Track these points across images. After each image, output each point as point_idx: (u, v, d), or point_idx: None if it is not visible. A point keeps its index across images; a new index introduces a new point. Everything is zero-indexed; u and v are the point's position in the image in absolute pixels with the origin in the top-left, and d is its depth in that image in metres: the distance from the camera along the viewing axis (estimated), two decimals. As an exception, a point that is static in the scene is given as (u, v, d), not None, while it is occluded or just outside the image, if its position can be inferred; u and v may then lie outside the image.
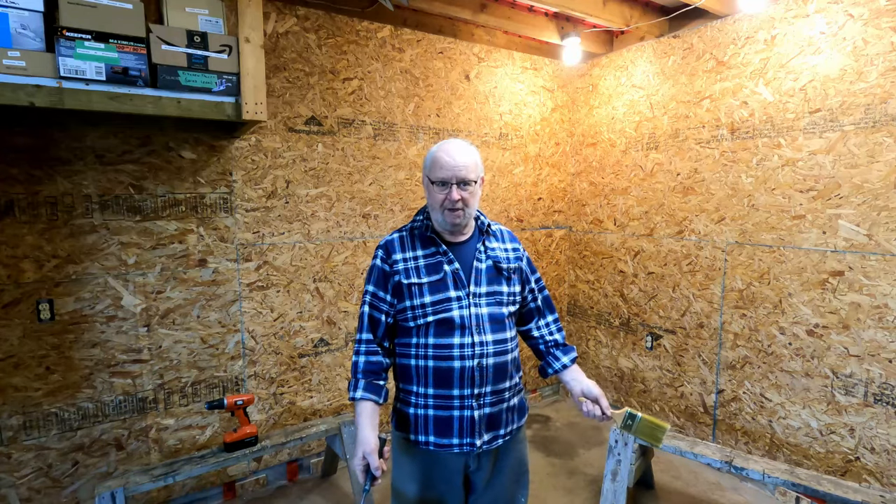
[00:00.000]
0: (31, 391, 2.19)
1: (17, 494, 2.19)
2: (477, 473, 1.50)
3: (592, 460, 3.09)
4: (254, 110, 2.03)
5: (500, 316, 1.48)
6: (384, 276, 1.47)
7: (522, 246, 1.64)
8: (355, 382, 1.46)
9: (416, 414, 1.47)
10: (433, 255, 1.47)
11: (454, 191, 1.40)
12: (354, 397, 1.45)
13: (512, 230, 1.96)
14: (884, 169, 2.26)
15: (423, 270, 1.45)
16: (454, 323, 1.42)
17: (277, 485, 2.84)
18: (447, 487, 1.48)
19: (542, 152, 3.79)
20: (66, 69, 1.69)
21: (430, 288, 1.44)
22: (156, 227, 2.39)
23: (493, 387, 1.45)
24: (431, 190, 1.44)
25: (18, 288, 2.13)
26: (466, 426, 1.43)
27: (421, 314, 1.43)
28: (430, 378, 1.44)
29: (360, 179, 2.95)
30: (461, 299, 1.43)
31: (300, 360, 2.85)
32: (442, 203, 1.42)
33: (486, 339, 1.44)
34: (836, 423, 2.47)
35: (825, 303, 2.48)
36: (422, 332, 1.44)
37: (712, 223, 2.96)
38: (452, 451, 1.44)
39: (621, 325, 3.59)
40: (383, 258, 1.48)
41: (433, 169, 1.43)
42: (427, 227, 1.50)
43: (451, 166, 1.40)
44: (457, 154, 1.42)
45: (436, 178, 1.42)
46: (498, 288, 1.49)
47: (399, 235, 1.52)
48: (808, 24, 2.48)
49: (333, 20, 2.76)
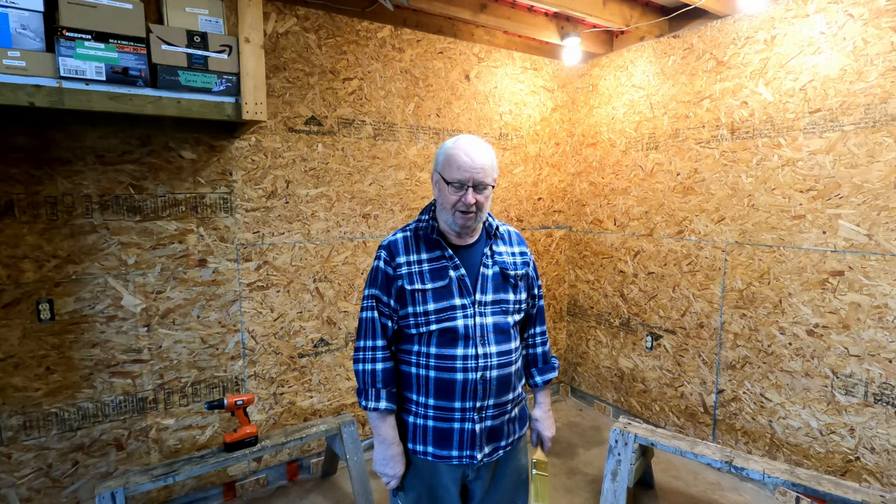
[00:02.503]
0: (31, 391, 2.19)
1: (17, 494, 2.18)
2: (476, 483, 1.47)
3: (592, 460, 3.09)
4: (254, 110, 2.03)
5: (506, 326, 1.43)
6: (387, 279, 1.40)
7: (529, 249, 1.60)
8: (376, 393, 1.39)
9: (414, 423, 1.42)
10: (438, 260, 1.41)
11: (470, 194, 1.33)
12: (378, 407, 1.38)
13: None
14: (884, 169, 2.26)
15: (428, 276, 1.39)
16: (458, 333, 1.36)
17: (277, 485, 2.84)
18: (444, 494, 1.45)
19: (542, 152, 3.79)
20: (66, 69, 1.68)
21: (433, 295, 1.37)
22: (156, 227, 2.39)
23: (496, 399, 1.41)
24: (443, 189, 1.36)
25: (18, 288, 2.13)
26: (467, 439, 1.39)
27: (424, 322, 1.37)
28: (432, 389, 1.39)
29: (360, 179, 2.95)
30: (466, 308, 1.38)
31: (300, 360, 2.85)
32: (454, 204, 1.35)
33: (490, 350, 1.38)
34: (836, 423, 2.47)
35: (825, 303, 2.48)
36: (424, 341, 1.39)
37: (712, 223, 2.96)
38: (451, 462, 1.40)
39: (621, 325, 3.59)
40: (387, 260, 1.41)
41: (448, 168, 1.35)
42: (433, 227, 1.43)
43: (468, 167, 1.33)
44: (476, 154, 1.34)
45: (451, 179, 1.34)
46: (504, 296, 1.44)
47: (403, 236, 1.45)
48: (808, 24, 2.48)
49: (333, 20, 2.76)
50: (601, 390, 3.81)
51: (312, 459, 2.97)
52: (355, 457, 2.54)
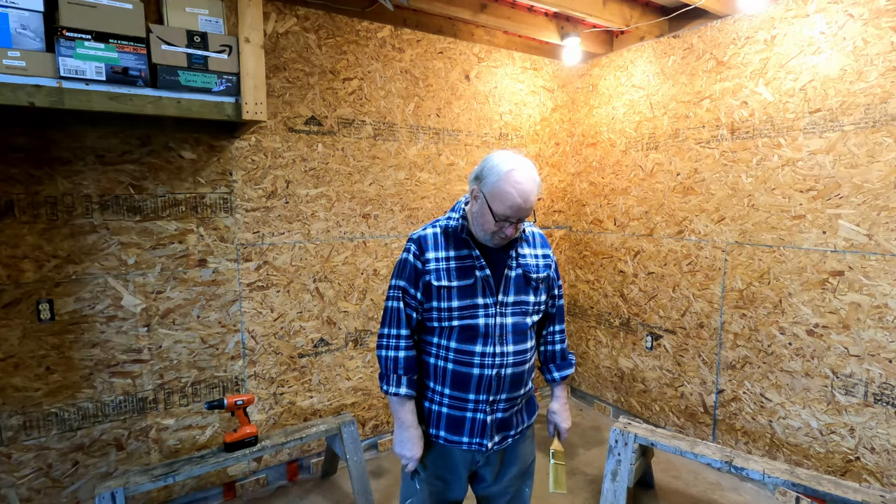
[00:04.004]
0: (31, 391, 2.19)
1: (17, 494, 2.18)
2: (485, 468, 1.54)
3: (592, 460, 3.09)
4: (254, 110, 2.03)
5: (524, 326, 1.49)
6: (416, 273, 1.44)
7: (553, 251, 1.63)
8: (397, 378, 1.45)
9: (430, 409, 1.50)
10: (465, 259, 1.44)
11: (510, 228, 1.37)
12: (398, 392, 1.45)
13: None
14: (884, 169, 2.26)
15: (455, 273, 1.43)
16: (478, 331, 1.42)
17: (277, 485, 2.84)
18: (453, 476, 1.53)
19: (542, 152, 3.79)
20: (66, 69, 1.68)
21: (458, 292, 1.42)
22: (156, 227, 2.39)
23: (508, 394, 1.48)
24: (486, 213, 1.36)
25: (18, 288, 2.13)
26: (478, 428, 1.46)
27: (447, 317, 1.43)
28: (448, 380, 1.45)
29: (360, 179, 2.95)
30: (489, 307, 1.43)
31: (300, 360, 2.85)
32: (494, 231, 1.38)
33: (507, 349, 1.44)
34: (836, 422, 2.47)
35: (825, 303, 2.48)
36: (444, 334, 1.45)
37: (712, 223, 2.96)
38: (462, 447, 1.48)
39: (621, 325, 3.59)
40: (416, 254, 1.45)
41: (498, 201, 1.33)
42: (463, 227, 1.46)
43: (518, 207, 1.32)
44: (529, 195, 1.33)
45: (498, 214, 1.33)
46: (525, 298, 1.49)
47: (433, 232, 1.48)
48: (808, 24, 2.48)
49: (333, 20, 2.76)
50: (601, 390, 3.81)
51: (312, 459, 2.97)
52: (355, 457, 2.54)
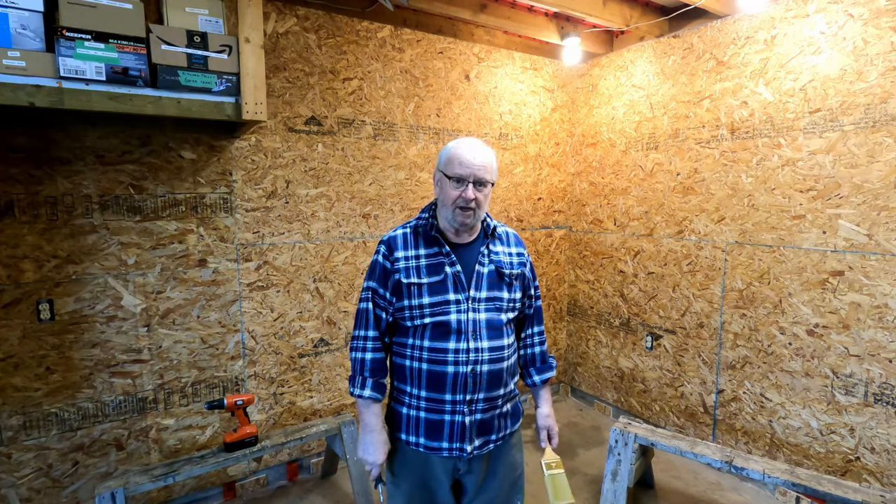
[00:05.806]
0: (31, 391, 2.19)
1: (17, 494, 2.19)
2: (468, 477, 1.49)
3: (592, 460, 3.09)
4: (254, 110, 2.03)
5: (499, 322, 1.47)
6: (385, 272, 1.46)
7: (527, 251, 1.63)
8: (362, 380, 1.46)
9: (407, 414, 1.47)
10: (435, 256, 1.46)
11: (470, 189, 1.39)
12: (362, 395, 1.46)
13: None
14: (884, 169, 2.26)
15: (424, 270, 1.44)
16: (451, 327, 1.41)
17: (277, 485, 2.84)
18: (436, 486, 1.48)
19: (542, 152, 3.79)
20: (66, 69, 1.68)
21: (429, 289, 1.42)
22: (156, 227, 2.39)
23: (486, 394, 1.45)
24: (445, 185, 1.43)
25: (18, 288, 2.13)
26: (457, 431, 1.43)
27: (418, 315, 1.42)
28: (424, 381, 1.43)
29: (360, 179, 2.95)
30: (460, 303, 1.42)
31: (300, 360, 2.85)
32: (455, 200, 1.40)
33: (482, 345, 1.43)
34: (837, 422, 2.47)
35: (825, 303, 2.48)
36: (418, 334, 1.44)
37: (712, 223, 2.96)
38: (441, 454, 1.44)
39: (621, 325, 3.59)
40: (385, 254, 1.47)
41: (451, 164, 1.42)
42: (432, 225, 1.48)
43: (470, 164, 1.40)
44: (478, 153, 1.41)
45: (453, 174, 1.40)
46: (498, 294, 1.48)
47: (403, 232, 1.50)
48: (808, 24, 2.48)
49: (333, 20, 2.76)
50: (601, 390, 3.81)
51: (312, 459, 2.97)
52: (355, 457, 2.54)
